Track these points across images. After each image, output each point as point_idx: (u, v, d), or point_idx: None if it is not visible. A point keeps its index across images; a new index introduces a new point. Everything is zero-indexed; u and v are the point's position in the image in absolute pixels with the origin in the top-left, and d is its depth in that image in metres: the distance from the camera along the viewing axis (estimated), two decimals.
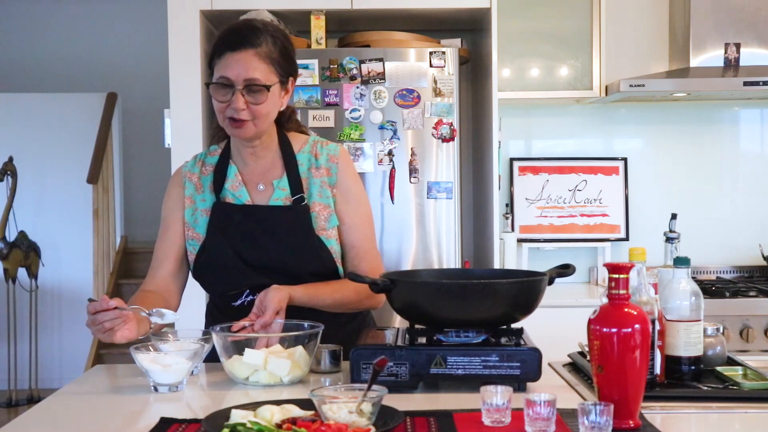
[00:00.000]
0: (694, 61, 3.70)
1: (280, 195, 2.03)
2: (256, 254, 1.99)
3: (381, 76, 3.41)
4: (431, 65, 3.42)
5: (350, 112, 3.41)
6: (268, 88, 1.93)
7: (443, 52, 3.42)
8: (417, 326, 1.80)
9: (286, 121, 2.10)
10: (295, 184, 2.03)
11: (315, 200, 2.03)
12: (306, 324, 1.87)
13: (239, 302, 2.02)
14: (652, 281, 1.79)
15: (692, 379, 1.72)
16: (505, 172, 4.00)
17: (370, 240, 2.10)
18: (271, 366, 1.75)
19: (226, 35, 1.95)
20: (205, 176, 2.08)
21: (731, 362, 1.84)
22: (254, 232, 2.00)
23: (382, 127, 3.42)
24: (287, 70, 1.99)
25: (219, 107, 1.95)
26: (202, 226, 2.04)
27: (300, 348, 1.80)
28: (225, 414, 1.43)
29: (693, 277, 1.79)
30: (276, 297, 1.86)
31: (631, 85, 3.54)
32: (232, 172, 2.06)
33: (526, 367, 1.66)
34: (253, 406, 1.45)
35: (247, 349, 1.77)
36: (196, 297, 3.36)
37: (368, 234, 2.10)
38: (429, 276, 1.96)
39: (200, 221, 2.05)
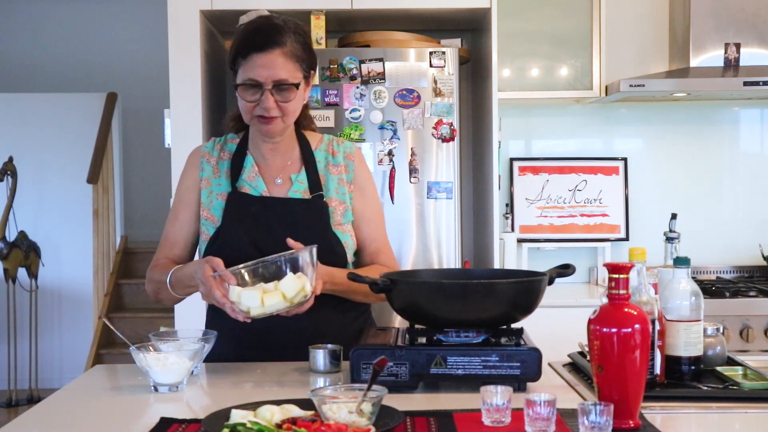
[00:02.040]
0: (694, 61, 3.71)
1: (299, 188, 2.06)
2: (273, 245, 1.98)
3: (381, 76, 3.41)
4: (431, 65, 3.42)
5: (350, 112, 3.41)
6: (296, 86, 1.96)
7: (443, 52, 3.42)
8: (417, 326, 1.80)
9: (302, 118, 2.12)
10: (314, 180, 2.06)
11: (332, 196, 2.07)
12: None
13: None
14: (652, 281, 1.79)
15: (692, 379, 1.72)
16: (505, 172, 4.00)
17: (385, 234, 2.17)
18: (267, 302, 1.76)
19: (251, 36, 1.96)
20: (222, 161, 2.09)
21: (731, 362, 1.84)
22: (272, 223, 2.01)
23: (382, 127, 3.42)
24: (309, 64, 2.02)
25: (247, 107, 1.97)
26: (217, 209, 2.05)
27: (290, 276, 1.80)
28: (225, 414, 1.43)
29: (693, 277, 1.79)
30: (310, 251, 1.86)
31: (631, 85, 3.54)
32: (249, 163, 2.08)
33: (526, 367, 1.66)
34: (253, 406, 1.45)
35: (244, 294, 1.76)
36: (196, 296, 3.37)
37: (383, 228, 2.17)
38: (429, 276, 1.96)
39: (215, 204, 2.06)
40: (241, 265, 1.81)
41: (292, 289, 1.78)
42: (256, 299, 1.77)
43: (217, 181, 2.08)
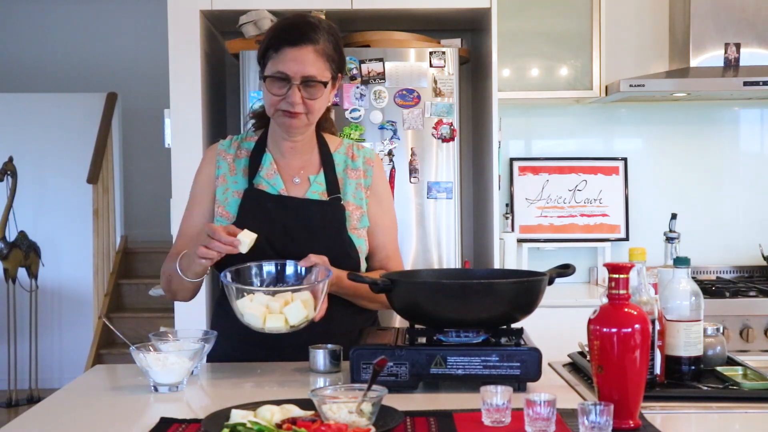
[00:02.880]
0: (694, 61, 3.70)
1: (317, 189, 2.05)
2: (286, 244, 1.99)
3: (381, 76, 3.41)
4: (431, 65, 3.42)
5: (350, 112, 3.41)
6: (324, 84, 1.96)
7: (443, 52, 3.42)
8: (417, 326, 1.80)
9: (323, 120, 2.12)
10: (332, 183, 2.06)
11: (349, 200, 2.06)
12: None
13: None
14: (652, 281, 1.79)
15: (692, 379, 1.72)
16: (505, 172, 4.00)
17: (396, 242, 2.17)
18: (269, 324, 1.78)
19: (285, 30, 1.97)
20: (239, 159, 2.09)
21: (731, 362, 1.84)
22: (287, 222, 2.01)
23: (382, 127, 3.42)
24: (339, 65, 2.03)
25: (272, 100, 1.97)
26: (232, 206, 2.04)
27: (298, 298, 1.81)
28: (225, 414, 1.43)
29: (693, 277, 1.79)
30: (321, 258, 1.88)
31: (631, 85, 3.54)
32: (268, 161, 2.07)
33: (526, 367, 1.66)
34: (253, 406, 1.45)
35: (247, 312, 1.78)
36: (196, 297, 3.36)
37: (395, 237, 2.17)
38: (429, 276, 1.96)
39: (231, 201, 2.05)
40: (256, 284, 1.86)
41: (296, 317, 1.80)
42: (258, 320, 1.79)
43: (233, 179, 2.07)
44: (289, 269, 1.91)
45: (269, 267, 1.91)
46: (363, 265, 2.09)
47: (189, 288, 2.03)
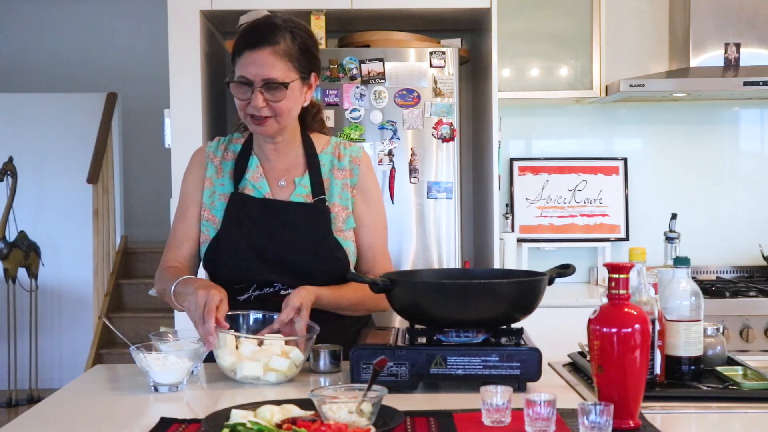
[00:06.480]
0: (694, 61, 3.71)
1: (302, 192, 2.03)
2: (272, 249, 1.98)
3: (381, 76, 3.41)
4: (431, 65, 3.42)
5: (350, 112, 3.41)
6: (286, 85, 1.93)
7: (443, 52, 3.42)
8: (417, 326, 1.80)
9: (311, 120, 2.11)
10: (317, 184, 2.03)
11: (335, 201, 2.04)
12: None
13: (245, 297, 2.00)
14: (652, 281, 1.79)
15: (692, 379, 1.72)
16: (505, 172, 4.00)
17: (384, 242, 2.13)
18: (240, 373, 1.76)
19: (245, 33, 1.95)
20: (226, 161, 2.08)
21: (731, 362, 1.84)
22: (272, 226, 1.99)
23: (382, 127, 3.42)
24: (308, 66, 1.98)
25: (240, 105, 1.96)
26: (219, 210, 2.03)
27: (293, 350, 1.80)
28: (225, 414, 1.43)
29: (693, 277, 1.79)
30: (299, 296, 1.85)
31: (631, 85, 3.54)
32: (254, 164, 2.06)
33: (526, 367, 1.66)
34: (253, 406, 1.45)
35: (219, 352, 1.77)
36: None
37: (384, 236, 2.13)
38: (429, 276, 1.96)
39: (217, 204, 2.04)
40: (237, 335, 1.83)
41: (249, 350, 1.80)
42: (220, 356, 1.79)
43: (220, 181, 2.06)
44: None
45: (256, 315, 1.92)
46: (352, 267, 2.06)
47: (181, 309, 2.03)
